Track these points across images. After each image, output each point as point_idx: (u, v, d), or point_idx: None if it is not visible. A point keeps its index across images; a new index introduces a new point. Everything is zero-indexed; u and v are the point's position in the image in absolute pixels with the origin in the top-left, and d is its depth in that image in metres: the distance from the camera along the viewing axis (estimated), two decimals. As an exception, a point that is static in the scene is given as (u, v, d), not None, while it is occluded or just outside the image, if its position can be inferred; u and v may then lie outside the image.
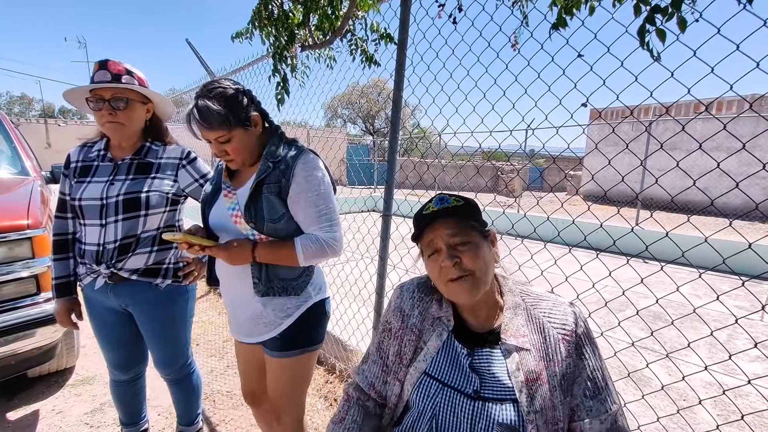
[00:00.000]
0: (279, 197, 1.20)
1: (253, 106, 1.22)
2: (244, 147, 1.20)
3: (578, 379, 0.80)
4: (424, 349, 0.88)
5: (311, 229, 1.22)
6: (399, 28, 1.87)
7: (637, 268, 1.52)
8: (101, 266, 1.43)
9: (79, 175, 1.47)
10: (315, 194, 1.20)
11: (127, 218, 1.42)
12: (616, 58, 1.22)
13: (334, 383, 2.44)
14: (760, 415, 2.36)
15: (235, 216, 1.22)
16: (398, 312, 0.95)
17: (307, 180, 1.19)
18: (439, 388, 0.83)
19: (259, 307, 1.26)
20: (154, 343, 1.60)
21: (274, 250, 1.20)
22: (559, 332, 0.82)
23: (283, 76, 1.93)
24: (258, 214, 1.20)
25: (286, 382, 1.34)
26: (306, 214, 1.21)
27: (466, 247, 0.84)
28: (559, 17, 1.18)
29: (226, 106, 1.13)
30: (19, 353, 2.02)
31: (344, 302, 3.02)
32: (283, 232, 1.22)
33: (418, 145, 18.83)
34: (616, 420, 0.79)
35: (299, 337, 1.30)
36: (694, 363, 2.89)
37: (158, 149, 1.53)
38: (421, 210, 0.91)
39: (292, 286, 1.27)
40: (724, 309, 3.63)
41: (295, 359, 1.31)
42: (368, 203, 11.74)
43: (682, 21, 0.99)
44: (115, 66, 1.39)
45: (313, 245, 1.20)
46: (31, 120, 21.23)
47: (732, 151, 8.66)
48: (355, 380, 0.99)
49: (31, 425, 2.08)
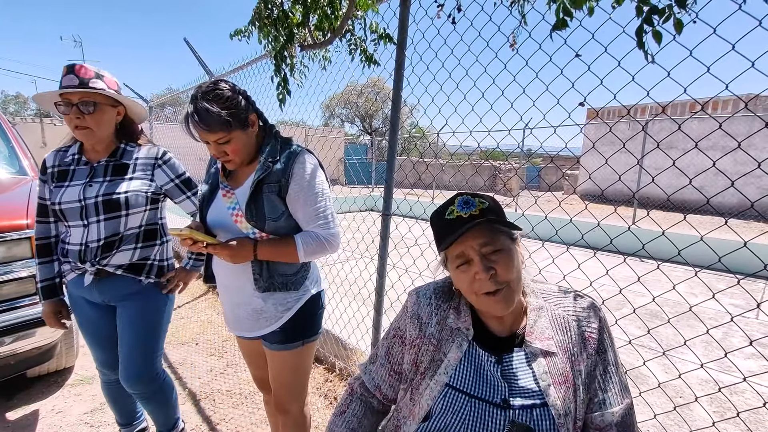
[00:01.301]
0: (279, 196, 1.23)
1: (250, 107, 1.24)
2: (242, 147, 1.22)
3: (598, 373, 0.80)
4: (444, 361, 0.84)
5: (310, 227, 1.26)
6: (398, 28, 1.87)
7: (634, 266, 1.53)
8: (86, 264, 1.44)
9: (57, 179, 1.48)
10: (313, 193, 1.24)
11: (108, 218, 1.44)
12: (613, 58, 1.23)
13: (333, 381, 2.45)
14: (756, 412, 2.39)
15: (235, 215, 1.24)
16: (415, 320, 0.91)
17: (305, 179, 1.23)
18: (466, 400, 0.80)
19: (259, 303, 1.29)
20: (126, 344, 1.54)
21: (275, 248, 1.23)
22: (584, 330, 0.81)
23: (284, 76, 1.94)
24: (259, 213, 1.22)
25: (288, 375, 1.38)
26: (305, 212, 1.25)
27: (499, 256, 0.79)
28: (559, 18, 1.19)
29: (226, 108, 1.14)
30: (19, 353, 2.02)
31: (344, 301, 3.03)
32: (283, 230, 1.26)
33: (417, 145, 18.84)
34: (627, 413, 0.79)
35: (299, 329, 1.34)
36: (690, 360, 2.92)
37: (133, 150, 1.54)
38: (442, 213, 0.84)
39: (291, 281, 1.30)
40: (720, 307, 3.66)
41: (295, 351, 1.35)
42: (368, 202, 11.75)
43: (678, 22, 1.00)
44: (83, 70, 1.39)
45: (313, 242, 1.24)
46: (27, 119, 21.13)
47: (728, 150, 8.72)
48: (362, 378, 0.99)
49: (31, 425, 2.08)
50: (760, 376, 2.77)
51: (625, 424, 0.78)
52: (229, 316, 1.39)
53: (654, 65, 1.21)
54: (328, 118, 30.12)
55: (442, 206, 0.85)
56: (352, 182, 17.26)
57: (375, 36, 2.06)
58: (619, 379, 0.81)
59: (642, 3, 1.00)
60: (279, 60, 1.87)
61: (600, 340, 0.80)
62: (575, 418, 0.77)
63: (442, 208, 0.85)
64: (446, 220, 0.82)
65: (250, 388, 2.45)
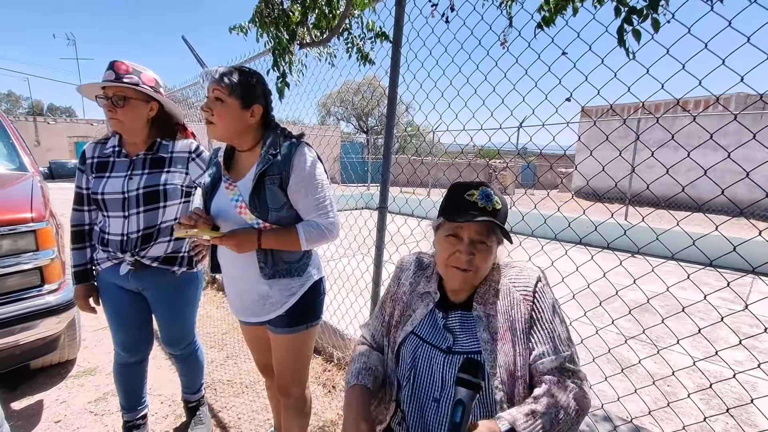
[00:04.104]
0: (280, 188, 1.28)
1: (260, 98, 1.30)
2: (229, 120, 1.26)
3: (533, 329, 0.93)
4: (412, 316, 1.04)
5: (311, 216, 1.33)
6: (394, 26, 1.94)
7: (624, 262, 1.61)
8: (126, 254, 1.55)
9: (97, 170, 1.57)
10: (313, 184, 1.30)
11: (147, 210, 1.55)
12: (596, 55, 1.30)
13: (332, 371, 2.52)
14: (741, 399, 2.48)
15: (240, 207, 1.30)
16: (396, 280, 1.14)
17: (305, 171, 1.29)
18: (420, 343, 1.00)
19: (265, 289, 1.35)
20: (166, 324, 1.75)
21: (278, 237, 1.30)
22: (521, 294, 0.96)
23: (282, 71, 1.99)
24: (262, 204, 1.28)
25: (291, 358, 1.44)
26: (305, 202, 1.31)
27: (483, 249, 0.93)
28: (546, 17, 1.26)
29: (239, 78, 1.25)
30: (23, 344, 2.06)
31: (341, 293, 3.09)
32: (285, 219, 1.32)
33: (412, 143, 18.87)
34: (567, 360, 0.90)
35: (304, 313, 1.41)
36: (678, 351, 3.01)
37: (168, 144, 1.64)
38: (464, 189, 0.94)
39: (295, 268, 1.37)
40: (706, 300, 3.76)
41: (299, 335, 1.41)
42: (364, 197, 11.78)
43: (655, 22, 1.08)
44: (123, 67, 1.50)
45: (314, 231, 1.31)
46: (20, 117, 20.94)
47: (720, 147, 8.84)
48: (363, 333, 1.19)
49: (36, 414, 2.13)
50: (744, 365, 2.87)
51: (564, 368, 0.89)
52: (235, 303, 1.45)
53: (637, 64, 1.29)
54: (324, 116, 30.11)
55: (467, 184, 0.96)
56: (347, 180, 17.29)
57: (372, 34, 2.12)
58: (558, 335, 0.92)
59: (620, 4, 1.07)
60: (278, 57, 1.92)
61: (533, 302, 0.95)
62: (514, 370, 0.91)
63: (467, 185, 0.95)
64: (464, 198, 0.93)
65: (250, 378, 2.51)
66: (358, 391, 0.99)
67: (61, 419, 2.10)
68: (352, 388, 1.01)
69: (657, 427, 2.07)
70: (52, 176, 3.10)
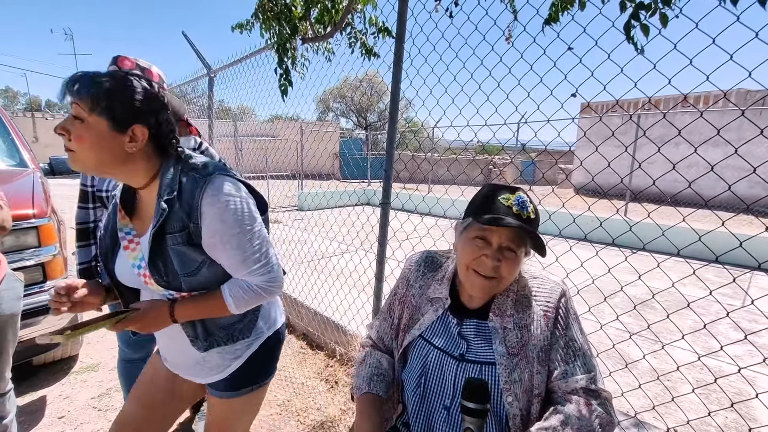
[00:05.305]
0: (189, 244, 0.95)
1: (145, 117, 0.91)
2: (92, 147, 0.87)
3: (555, 347, 0.88)
4: (420, 320, 0.99)
5: (240, 275, 1.00)
6: (397, 21, 1.92)
7: (626, 257, 1.61)
8: None
9: None
10: (234, 233, 0.95)
11: None
12: (603, 50, 1.29)
13: (334, 367, 2.52)
14: (740, 393, 2.49)
15: (143, 276, 0.97)
16: (404, 281, 1.08)
17: (220, 218, 0.94)
18: (431, 349, 0.95)
19: (202, 355, 1.07)
20: None
21: (198, 306, 1.00)
22: (542, 308, 0.90)
23: (285, 68, 1.98)
24: (168, 270, 0.96)
25: (232, 422, 1.19)
26: (229, 258, 0.98)
27: (512, 256, 0.87)
28: (552, 14, 1.25)
29: (108, 84, 0.86)
30: (25, 340, 2.06)
31: (344, 288, 3.10)
32: (207, 282, 1.00)
33: (413, 139, 18.86)
34: (591, 382, 0.86)
35: (251, 375, 1.13)
36: (679, 347, 3.03)
37: None
38: (497, 192, 0.89)
39: (238, 330, 1.08)
40: (709, 296, 3.78)
41: (245, 397, 1.14)
42: (367, 193, 11.78)
43: (663, 16, 1.07)
44: (125, 61, 1.47)
45: (245, 294, 1.00)
46: (18, 113, 20.86)
47: (720, 143, 8.85)
48: (369, 334, 1.15)
49: (40, 410, 2.14)
50: (744, 360, 2.88)
51: (590, 390, 0.85)
52: (167, 356, 1.16)
53: (643, 59, 1.28)
54: (323, 112, 30.02)
55: (501, 187, 0.91)
56: (346, 176, 17.27)
57: (374, 29, 2.11)
58: (582, 354, 0.88)
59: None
60: (281, 53, 1.91)
61: (556, 317, 0.89)
62: (531, 387, 0.87)
63: (500, 188, 0.90)
64: (498, 201, 0.87)
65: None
66: (372, 400, 0.97)
67: (65, 415, 2.11)
68: (365, 395, 0.98)
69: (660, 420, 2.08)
70: (52, 172, 3.08)
